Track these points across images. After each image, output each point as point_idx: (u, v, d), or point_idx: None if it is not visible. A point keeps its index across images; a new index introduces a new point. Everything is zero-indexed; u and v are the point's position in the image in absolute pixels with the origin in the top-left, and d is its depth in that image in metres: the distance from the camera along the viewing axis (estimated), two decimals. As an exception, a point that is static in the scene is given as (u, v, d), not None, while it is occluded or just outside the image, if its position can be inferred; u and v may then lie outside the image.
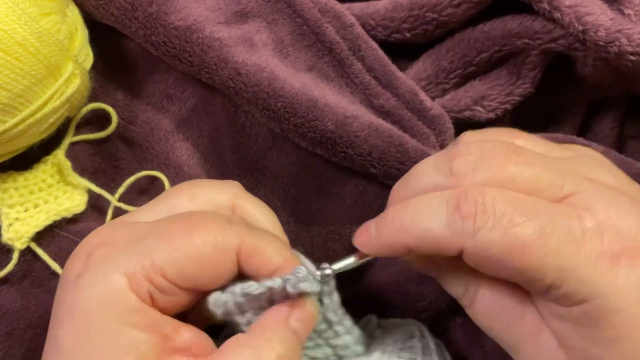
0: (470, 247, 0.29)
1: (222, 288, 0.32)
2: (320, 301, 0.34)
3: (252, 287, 0.31)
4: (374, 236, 0.32)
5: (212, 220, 0.32)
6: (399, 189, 0.34)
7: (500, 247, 0.28)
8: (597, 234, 0.28)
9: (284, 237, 0.36)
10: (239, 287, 0.31)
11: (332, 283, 0.34)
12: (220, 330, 0.36)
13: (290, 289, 0.31)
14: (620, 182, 0.31)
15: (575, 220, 0.28)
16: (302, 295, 0.31)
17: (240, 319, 0.32)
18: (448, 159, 0.31)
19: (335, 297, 0.34)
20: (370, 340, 0.38)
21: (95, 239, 0.33)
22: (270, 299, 0.32)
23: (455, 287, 0.33)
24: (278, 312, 0.31)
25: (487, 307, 0.32)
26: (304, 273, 0.31)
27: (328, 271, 0.33)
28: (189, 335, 0.31)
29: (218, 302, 0.32)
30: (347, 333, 0.35)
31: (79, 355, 0.29)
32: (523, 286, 0.30)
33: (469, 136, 0.34)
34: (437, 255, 0.31)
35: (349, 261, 0.34)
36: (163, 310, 0.31)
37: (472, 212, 0.28)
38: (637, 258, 0.28)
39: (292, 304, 0.31)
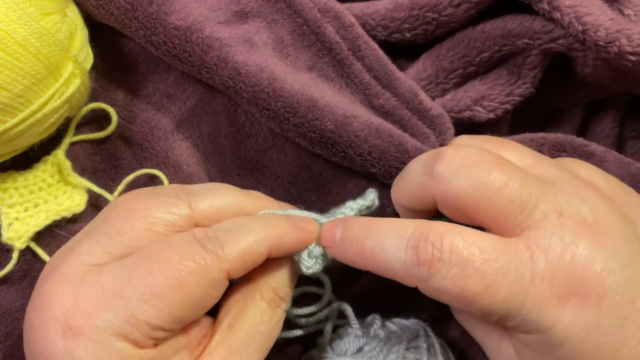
0: (424, 288, 0.30)
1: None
2: None
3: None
4: (337, 245, 0.33)
5: (190, 256, 0.31)
6: (396, 181, 0.35)
7: (451, 294, 0.29)
8: (548, 278, 0.29)
9: (249, 197, 0.36)
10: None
11: None
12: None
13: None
14: (599, 210, 0.31)
15: (527, 265, 0.29)
16: None
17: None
18: (434, 159, 0.32)
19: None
20: (375, 340, 0.38)
21: (58, 308, 0.30)
22: None
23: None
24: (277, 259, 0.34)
25: (468, 326, 0.35)
26: (307, 260, 0.34)
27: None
28: (197, 330, 0.32)
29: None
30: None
31: None
32: None
33: (462, 139, 0.35)
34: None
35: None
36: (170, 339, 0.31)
37: (429, 260, 0.29)
38: (589, 300, 0.28)
39: None
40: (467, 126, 0.44)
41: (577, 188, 0.31)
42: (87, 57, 0.42)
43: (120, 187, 0.43)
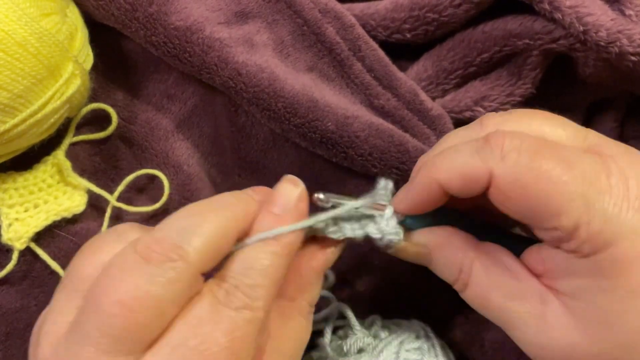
0: (498, 170, 0.28)
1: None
2: None
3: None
4: (410, 185, 0.32)
5: (229, 328, 0.27)
6: (426, 154, 0.34)
7: (528, 171, 0.28)
8: (622, 180, 0.28)
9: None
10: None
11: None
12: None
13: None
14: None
15: (600, 164, 0.28)
16: None
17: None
18: (477, 121, 0.32)
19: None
20: (376, 341, 0.38)
21: None
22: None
23: (448, 272, 0.33)
24: (317, 266, 0.33)
25: (481, 288, 0.31)
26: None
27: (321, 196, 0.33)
28: None
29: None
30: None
31: None
32: (542, 234, 0.29)
33: (491, 118, 0.34)
34: (468, 192, 0.30)
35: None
36: None
37: (501, 142, 0.29)
38: None
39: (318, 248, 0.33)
40: (467, 127, 0.44)
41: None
42: (87, 58, 0.42)
43: (120, 188, 0.43)
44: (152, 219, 0.43)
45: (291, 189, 0.32)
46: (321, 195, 0.33)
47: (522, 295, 0.30)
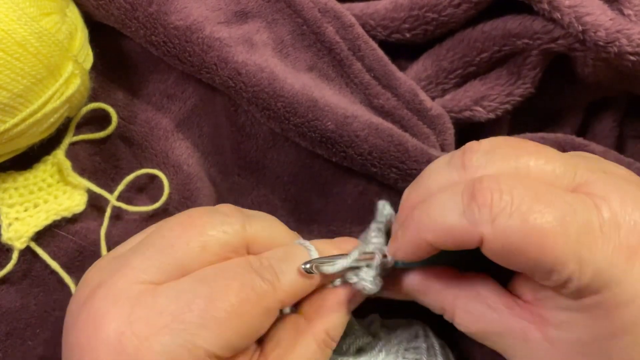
0: (489, 235, 0.28)
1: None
2: None
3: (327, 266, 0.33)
4: (400, 240, 0.32)
5: (249, 287, 0.31)
6: (409, 194, 0.33)
7: (519, 234, 0.27)
8: (614, 226, 0.27)
9: (291, 235, 0.36)
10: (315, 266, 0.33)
11: None
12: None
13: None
14: (629, 174, 0.31)
15: (592, 210, 0.27)
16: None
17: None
18: (459, 154, 0.31)
19: None
20: (375, 340, 0.38)
21: (112, 329, 0.29)
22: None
23: (434, 308, 0.34)
24: (341, 299, 0.34)
25: (465, 323, 0.32)
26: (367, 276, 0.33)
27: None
28: None
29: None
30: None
31: None
32: (539, 280, 0.29)
33: (476, 146, 0.33)
34: (460, 248, 0.30)
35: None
36: None
37: (489, 200, 0.27)
38: None
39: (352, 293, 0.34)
40: (467, 126, 0.44)
41: (602, 160, 0.32)
42: (87, 57, 0.42)
43: (120, 187, 0.43)
44: (152, 219, 0.43)
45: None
46: (307, 265, 0.33)
47: (502, 330, 0.31)
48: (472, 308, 0.32)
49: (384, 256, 0.33)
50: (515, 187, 0.28)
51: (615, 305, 0.27)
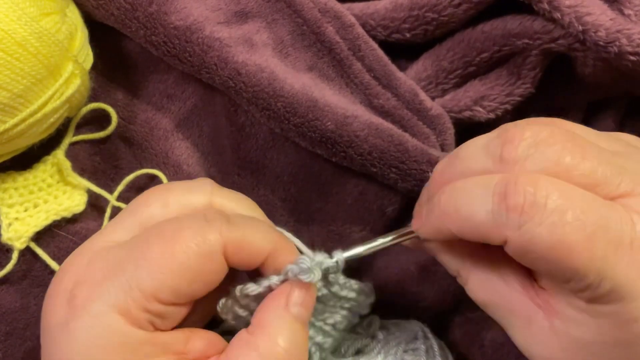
0: (514, 239, 0.27)
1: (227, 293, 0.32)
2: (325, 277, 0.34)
3: (250, 288, 0.31)
4: (425, 220, 0.32)
5: (188, 227, 0.30)
6: (443, 170, 0.32)
7: (545, 245, 0.27)
8: None
9: (270, 223, 0.35)
10: (238, 290, 0.32)
11: (339, 265, 0.33)
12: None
13: (291, 277, 0.31)
14: None
15: (626, 225, 0.27)
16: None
17: (249, 317, 0.32)
18: (500, 143, 0.29)
19: (340, 276, 0.35)
20: (374, 342, 0.38)
21: (70, 278, 0.31)
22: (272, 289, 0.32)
23: (449, 268, 0.33)
24: (276, 301, 0.31)
25: (476, 293, 0.32)
26: (306, 265, 0.31)
27: (332, 263, 0.33)
28: (200, 342, 0.31)
29: (225, 309, 0.32)
30: (356, 292, 0.36)
31: None
32: (554, 281, 0.29)
33: (526, 121, 0.32)
34: (479, 241, 0.30)
35: (356, 250, 0.34)
36: (166, 329, 0.31)
37: (520, 204, 0.27)
38: None
39: (289, 288, 0.31)
40: (467, 126, 0.44)
41: None
42: (87, 57, 0.42)
43: (120, 187, 0.43)
44: (151, 219, 0.43)
45: None
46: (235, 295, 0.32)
47: (511, 306, 0.31)
48: (487, 278, 0.31)
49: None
50: (550, 195, 0.27)
51: (628, 319, 0.27)
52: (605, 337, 0.28)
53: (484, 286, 0.31)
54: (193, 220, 0.31)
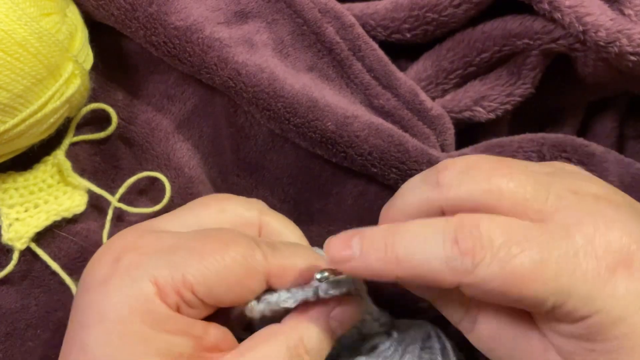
0: (468, 282, 0.28)
1: (257, 297, 0.33)
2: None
3: (287, 301, 0.33)
4: (358, 257, 0.31)
5: (242, 241, 0.32)
6: (387, 209, 0.34)
7: (499, 281, 0.28)
8: (590, 250, 0.28)
9: (304, 241, 0.37)
10: (275, 298, 0.33)
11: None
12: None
13: (322, 295, 0.32)
14: (604, 190, 0.31)
15: (566, 240, 0.28)
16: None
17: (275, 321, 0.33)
18: (435, 171, 0.31)
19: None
20: (389, 339, 0.37)
21: (121, 243, 0.33)
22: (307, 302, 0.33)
23: (453, 314, 0.33)
24: (319, 310, 0.33)
25: (488, 331, 0.32)
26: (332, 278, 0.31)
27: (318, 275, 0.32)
28: (216, 332, 0.32)
29: (254, 311, 0.33)
30: (374, 319, 0.37)
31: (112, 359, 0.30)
32: (525, 309, 0.30)
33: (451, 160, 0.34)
34: (425, 285, 0.31)
35: None
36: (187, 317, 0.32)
37: (471, 248, 0.28)
38: (632, 268, 0.28)
39: (336, 302, 0.33)
40: (467, 126, 0.44)
41: (578, 175, 0.32)
42: (87, 58, 0.42)
43: (121, 190, 0.43)
44: (152, 220, 0.43)
45: None
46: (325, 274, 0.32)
47: (528, 339, 0.31)
48: (499, 317, 0.31)
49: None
50: (493, 230, 0.28)
51: (605, 328, 0.27)
52: (598, 356, 0.28)
53: (498, 324, 0.31)
54: (246, 238, 0.33)
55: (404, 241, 0.30)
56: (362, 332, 0.37)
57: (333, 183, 0.42)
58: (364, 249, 0.30)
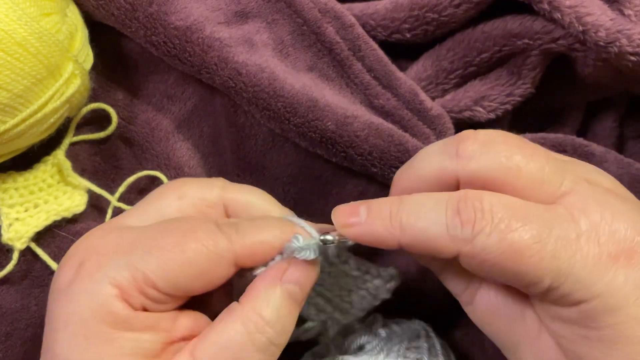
0: (467, 251, 0.29)
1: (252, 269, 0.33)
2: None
3: (258, 270, 0.32)
4: (364, 222, 0.31)
5: (202, 229, 0.31)
6: (402, 172, 0.34)
7: (497, 252, 0.28)
8: (593, 236, 0.28)
9: (282, 210, 0.35)
10: (249, 272, 0.32)
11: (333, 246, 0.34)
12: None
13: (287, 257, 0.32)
14: (614, 185, 0.31)
15: (570, 224, 0.28)
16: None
17: None
18: (455, 141, 0.31)
19: (351, 256, 0.35)
20: (376, 339, 0.38)
21: (84, 245, 0.33)
22: None
23: (455, 284, 0.33)
24: (269, 275, 0.32)
25: (487, 305, 0.32)
26: (300, 243, 0.31)
27: (329, 237, 0.32)
28: (187, 321, 0.32)
29: (237, 292, 0.33)
30: (372, 275, 0.37)
31: None
32: (520, 289, 0.30)
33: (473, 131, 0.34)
34: (429, 255, 0.31)
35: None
36: (157, 312, 0.31)
37: (472, 218, 0.28)
38: (634, 259, 0.28)
39: (285, 265, 0.32)
40: (467, 126, 0.44)
41: (592, 168, 0.32)
42: (87, 57, 0.42)
43: (121, 189, 0.43)
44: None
45: None
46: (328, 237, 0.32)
47: (523, 318, 0.31)
48: (498, 291, 0.32)
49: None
50: (495, 205, 0.29)
51: (601, 315, 0.28)
52: (591, 345, 0.28)
53: (497, 299, 0.32)
54: (207, 224, 0.32)
55: (408, 208, 0.30)
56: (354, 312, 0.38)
57: (333, 183, 0.42)
58: (371, 215, 0.31)
